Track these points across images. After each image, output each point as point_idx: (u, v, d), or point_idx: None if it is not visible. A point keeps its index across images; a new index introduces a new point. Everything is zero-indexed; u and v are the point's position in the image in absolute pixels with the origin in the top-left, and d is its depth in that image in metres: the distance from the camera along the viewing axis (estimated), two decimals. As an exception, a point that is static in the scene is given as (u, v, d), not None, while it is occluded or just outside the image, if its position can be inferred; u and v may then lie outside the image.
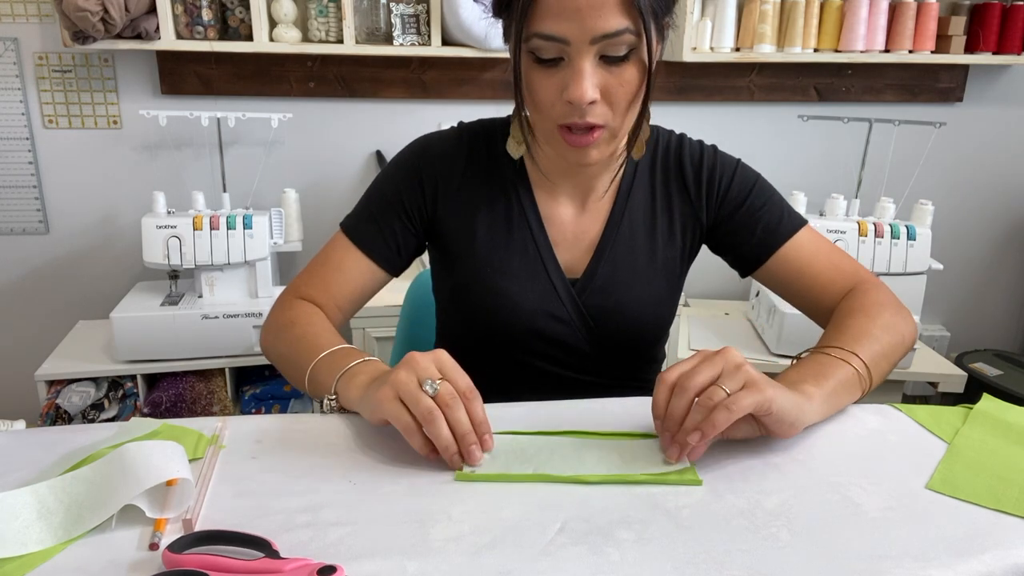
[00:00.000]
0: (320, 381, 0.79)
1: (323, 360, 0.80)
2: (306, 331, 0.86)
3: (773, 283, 0.97)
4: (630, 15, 0.73)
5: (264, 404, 1.93)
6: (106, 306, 1.90)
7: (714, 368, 0.68)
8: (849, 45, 2.04)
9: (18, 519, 0.57)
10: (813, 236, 0.95)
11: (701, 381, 0.67)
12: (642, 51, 0.76)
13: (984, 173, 2.39)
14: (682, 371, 0.69)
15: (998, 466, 0.69)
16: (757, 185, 0.95)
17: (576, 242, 0.95)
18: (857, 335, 0.81)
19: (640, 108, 0.81)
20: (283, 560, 0.53)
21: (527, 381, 0.95)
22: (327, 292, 0.93)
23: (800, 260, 0.94)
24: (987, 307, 2.55)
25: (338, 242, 0.95)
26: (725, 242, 0.97)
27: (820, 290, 0.93)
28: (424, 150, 0.96)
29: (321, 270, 0.95)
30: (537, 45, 0.76)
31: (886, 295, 0.90)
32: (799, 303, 0.96)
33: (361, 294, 0.95)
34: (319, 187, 2.16)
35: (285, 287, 0.97)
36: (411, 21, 1.91)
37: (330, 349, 0.81)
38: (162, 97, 2.03)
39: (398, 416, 0.66)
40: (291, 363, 0.85)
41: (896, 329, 0.85)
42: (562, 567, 0.55)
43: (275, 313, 0.93)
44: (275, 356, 0.90)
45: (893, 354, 0.83)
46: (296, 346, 0.85)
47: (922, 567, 0.55)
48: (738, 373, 0.67)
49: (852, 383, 0.77)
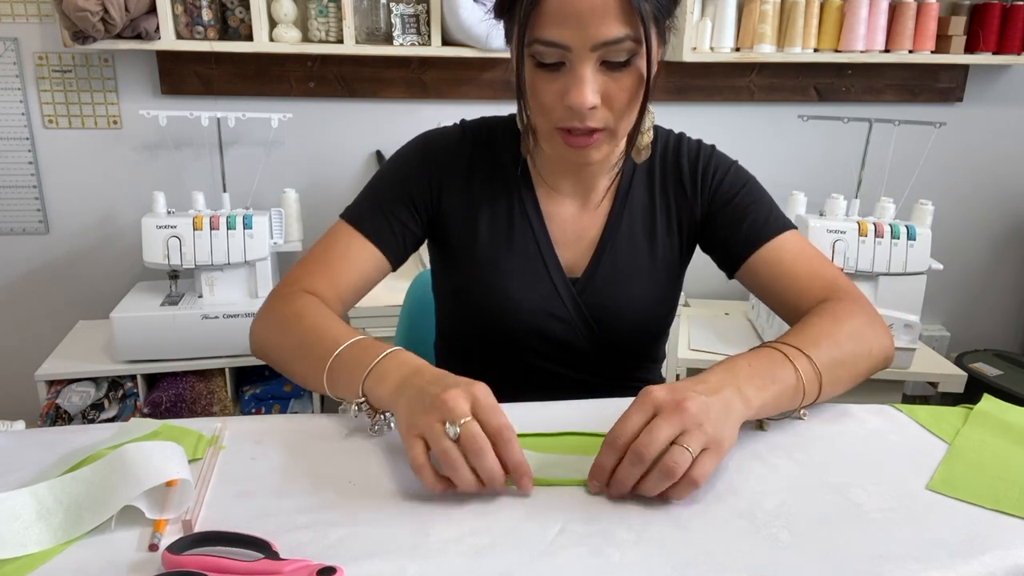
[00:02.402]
0: (342, 378, 0.74)
1: (344, 354, 0.75)
2: (315, 323, 0.81)
3: (754, 284, 0.94)
4: (631, 23, 0.73)
5: (264, 404, 1.93)
6: (106, 306, 1.90)
7: (672, 428, 0.61)
8: (849, 45, 2.03)
9: (18, 520, 0.57)
10: (798, 240, 0.93)
11: (659, 447, 0.60)
12: (642, 57, 0.76)
13: (984, 173, 2.39)
14: (633, 429, 0.62)
15: (999, 467, 0.69)
16: (748, 184, 0.95)
17: (577, 241, 0.95)
18: (817, 339, 0.76)
19: (639, 110, 0.81)
20: (283, 561, 0.53)
21: (527, 380, 0.95)
22: (331, 282, 0.89)
23: (781, 262, 0.91)
24: (987, 307, 2.54)
25: (340, 232, 0.92)
26: (713, 239, 0.96)
27: (797, 294, 0.89)
28: (430, 145, 0.95)
29: (324, 258, 0.91)
30: (538, 50, 0.76)
31: (861, 306, 0.85)
32: (777, 306, 0.93)
33: (364, 284, 0.92)
34: (319, 187, 2.16)
35: (281, 280, 0.92)
36: (411, 21, 1.91)
37: (348, 342, 0.75)
38: (162, 97, 2.03)
39: (414, 455, 0.62)
40: (301, 358, 0.80)
41: (863, 339, 0.80)
42: (562, 568, 0.54)
43: (276, 305, 0.87)
44: (277, 351, 0.85)
45: (856, 364, 0.79)
46: (307, 338, 0.80)
47: (923, 568, 0.55)
48: (700, 432, 0.61)
49: (795, 391, 0.73)
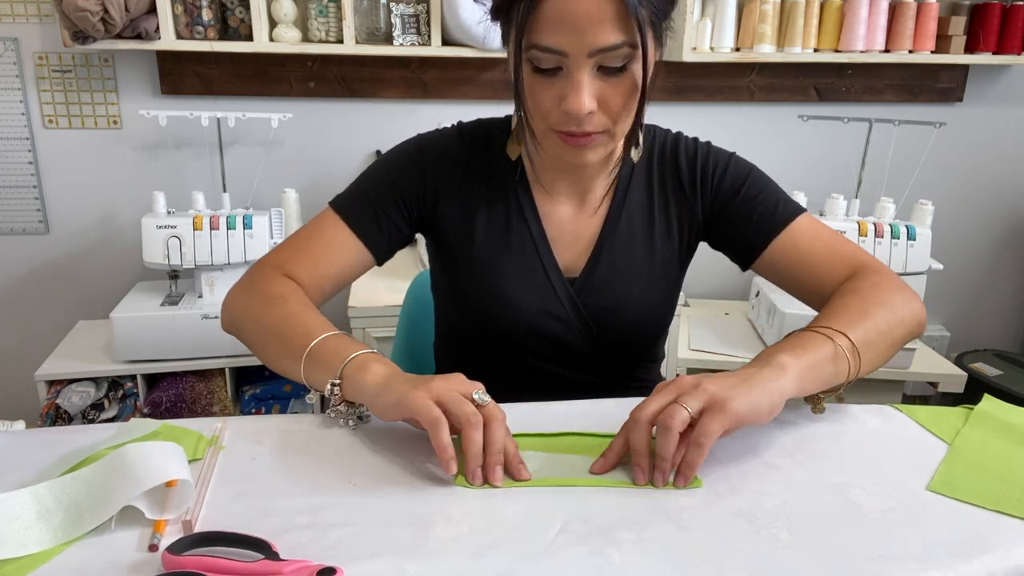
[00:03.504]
0: (321, 362, 0.75)
1: (327, 341, 0.76)
2: (298, 310, 0.82)
3: (773, 273, 0.94)
4: (627, 29, 0.74)
5: (264, 404, 1.93)
6: (106, 306, 1.90)
7: (667, 395, 0.66)
8: (849, 45, 2.03)
9: (18, 520, 0.57)
10: (812, 223, 0.93)
11: (653, 409, 0.66)
12: (639, 61, 0.77)
13: (984, 173, 2.39)
14: (655, 408, 0.67)
15: (999, 467, 0.69)
16: (751, 175, 0.95)
17: (574, 241, 0.95)
18: (845, 314, 0.79)
19: (637, 113, 0.81)
20: (283, 562, 0.53)
21: (526, 381, 0.95)
22: (313, 269, 0.89)
23: (799, 247, 0.91)
24: (987, 307, 2.54)
25: (328, 220, 0.92)
26: (723, 235, 0.96)
27: (820, 277, 0.90)
28: (426, 146, 0.95)
29: (308, 245, 0.91)
30: (536, 56, 0.76)
31: (886, 277, 0.86)
32: (800, 292, 0.94)
33: (345, 276, 0.92)
34: (319, 187, 2.16)
35: (263, 257, 0.92)
36: (411, 21, 1.90)
37: (331, 332, 0.78)
38: (162, 97, 2.03)
39: (428, 410, 0.65)
40: (279, 338, 0.81)
41: (893, 307, 0.81)
42: (562, 568, 0.55)
43: (258, 284, 0.87)
44: (252, 328, 0.85)
45: (891, 332, 0.80)
46: (290, 321, 0.81)
47: (922, 568, 0.55)
48: (696, 391, 0.66)
49: (833, 358, 0.74)
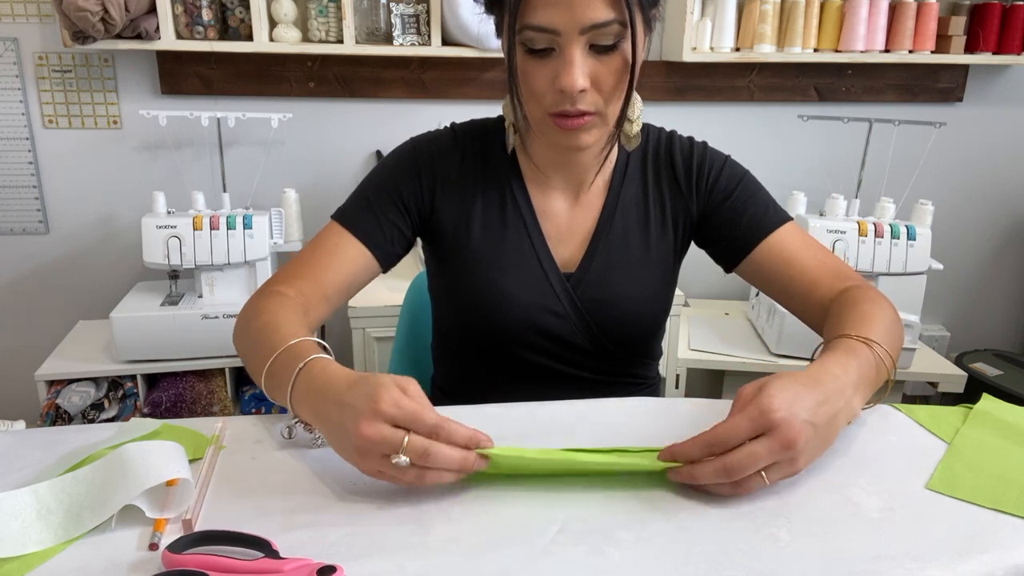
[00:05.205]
0: (276, 386, 0.72)
1: (278, 360, 0.72)
2: (268, 321, 0.78)
3: (758, 276, 0.95)
4: (617, 7, 0.76)
5: (264, 404, 1.93)
6: (106, 306, 1.90)
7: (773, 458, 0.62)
8: (849, 45, 2.03)
9: (18, 519, 0.57)
10: (798, 231, 0.95)
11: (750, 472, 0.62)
12: (628, 40, 0.79)
13: (984, 173, 2.39)
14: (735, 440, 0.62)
15: (998, 466, 0.69)
16: (745, 179, 0.97)
17: (570, 236, 0.95)
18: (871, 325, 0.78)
19: (626, 94, 0.83)
20: (283, 560, 0.54)
21: (523, 377, 0.95)
22: (316, 281, 0.88)
23: (785, 252, 0.93)
24: (987, 307, 2.54)
25: (330, 232, 0.92)
26: (711, 234, 0.97)
27: (808, 284, 0.91)
28: (421, 147, 0.96)
29: (310, 258, 0.90)
30: (529, 36, 0.79)
31: (872, 288, 0.88)
32: (784, 296, 0.94)
33: (351, 284, 0.91)
34: (319, 187, 2.16)
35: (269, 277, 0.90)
36: (411, 21, 1.91)
37: (284, 346, 0.73)
38: (162, 97, 2.03)
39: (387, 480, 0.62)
40: (251, 360, 0.78)
41: (892, 319, 0.83)
42: (562, 567, 0.55)
43: (249, 303, 0.86)
44: (241, 352, 0.83)
45: (900, 340, 0.83)
46: (257, 339, 0.78)
47: (922, 567, 0.55)
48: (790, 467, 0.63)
49: (879, 372, 0.76)
